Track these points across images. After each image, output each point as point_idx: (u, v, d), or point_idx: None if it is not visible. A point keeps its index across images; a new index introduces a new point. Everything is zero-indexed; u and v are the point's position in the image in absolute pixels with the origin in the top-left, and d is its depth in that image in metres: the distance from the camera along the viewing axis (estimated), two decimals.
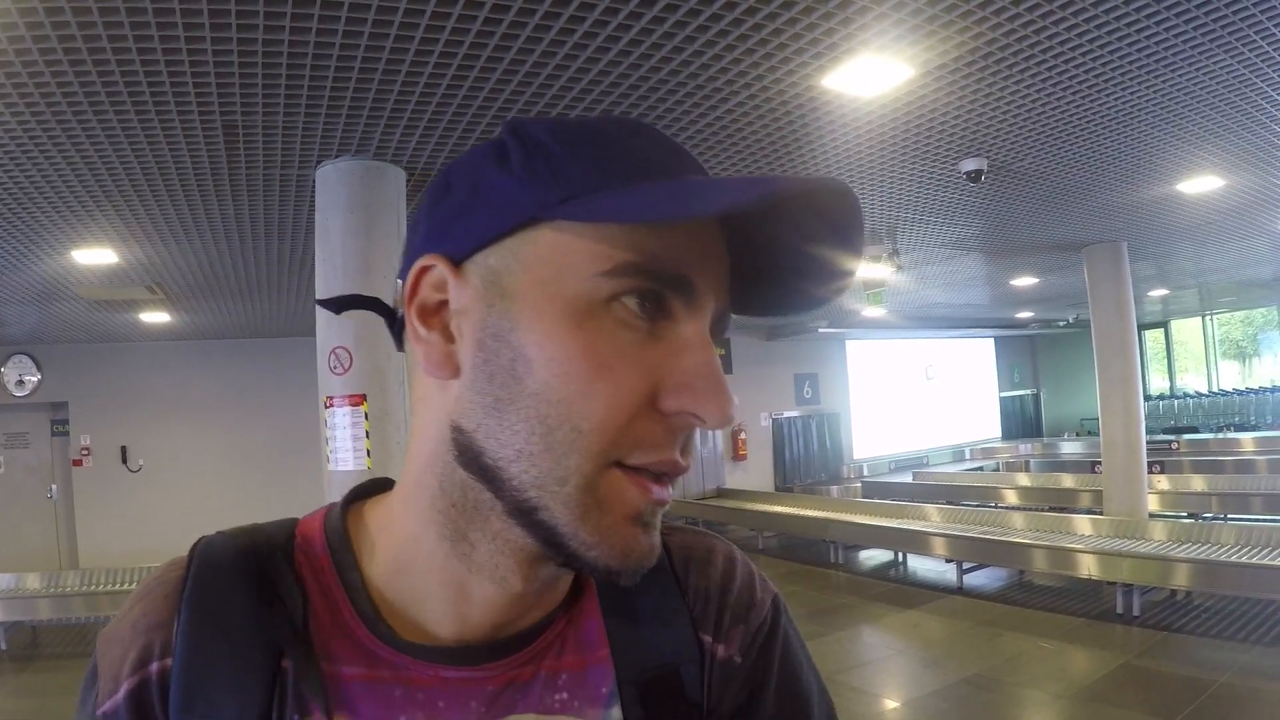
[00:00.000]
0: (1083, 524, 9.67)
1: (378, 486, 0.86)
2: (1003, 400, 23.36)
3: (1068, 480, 13.99)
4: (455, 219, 0.70)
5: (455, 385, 0.69)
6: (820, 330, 16.69)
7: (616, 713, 0.79)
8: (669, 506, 0.70)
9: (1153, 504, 10.64)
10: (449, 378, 0.70)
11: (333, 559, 0.79)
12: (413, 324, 0.72)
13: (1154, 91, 5.07)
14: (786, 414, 18.21)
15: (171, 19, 3.38)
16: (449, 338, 0.70)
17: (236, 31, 3.54)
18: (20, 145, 4.67)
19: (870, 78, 4.61)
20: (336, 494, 0.84)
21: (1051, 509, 12.23)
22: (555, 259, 0.65)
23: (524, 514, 0.67)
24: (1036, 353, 24.24)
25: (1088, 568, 8.28)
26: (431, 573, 0.75)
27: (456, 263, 0.70)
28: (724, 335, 0.73)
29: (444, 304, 0.70)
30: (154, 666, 0.72)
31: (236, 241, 7.16)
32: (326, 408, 5.23)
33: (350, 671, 0.73)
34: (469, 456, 0.69)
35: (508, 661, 0.76)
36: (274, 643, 0.73)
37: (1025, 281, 12.98)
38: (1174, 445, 16.21)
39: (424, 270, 0.71)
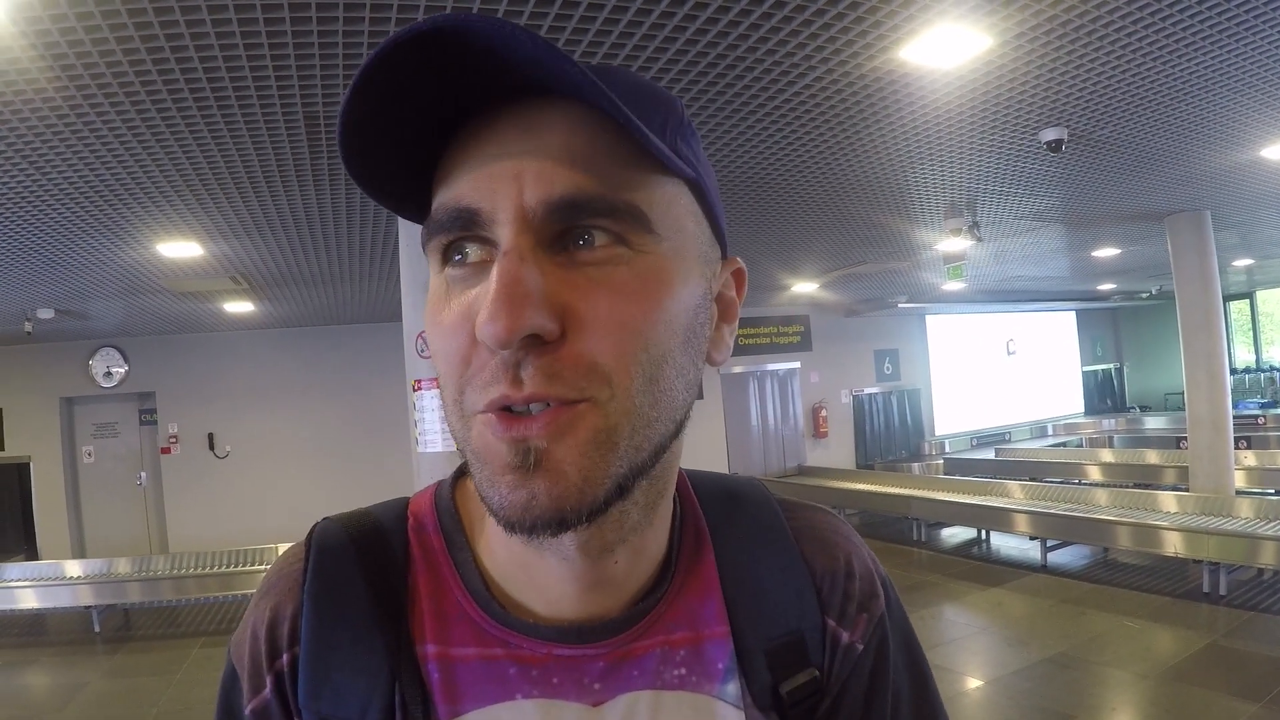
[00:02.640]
0: (1168, 501, 9.54)
1: None
2: (1085, 374, 22.94)
3: (1152, 456, 13.77)
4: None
5: None
6: (900, 306, 16.51)
7: (733, 688, 0.79)
8: (572, 441, 0.62)
9: (1239, 480, 10.44)
10: None
11: (444, 538, 0.82)
12: None
13: (1236, 55, 4.94)
14: (867, 390, 18.04)
15: (252, 13, 3.43)
16: None
17: (317, 25, 3.59)
18: (105, 143, 4.75)
19: (948, 49, 4.52)
20: (425, 476, 0.87)
21: (1136, 485, 12.06)
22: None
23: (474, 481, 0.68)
24: (1119, 326, 23.79)
25: (1173, 545, 8.16)
26: (504, 552, 0.78)
27: None
28: (611, 216, 0.64)
29: None
30: (285, 658, 0.76)
31: (319, 231, 7.23)
32: (415, 391, 5.30)
33: (462, 652, 0.75)
34: None
35: (621, 638, 0.77)
36: (396, 631, 0.76)
37: (1106, 253, 12.73)
38: (1261, 420, 15.90)
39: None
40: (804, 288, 13.89)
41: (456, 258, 0.66)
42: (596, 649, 0.76)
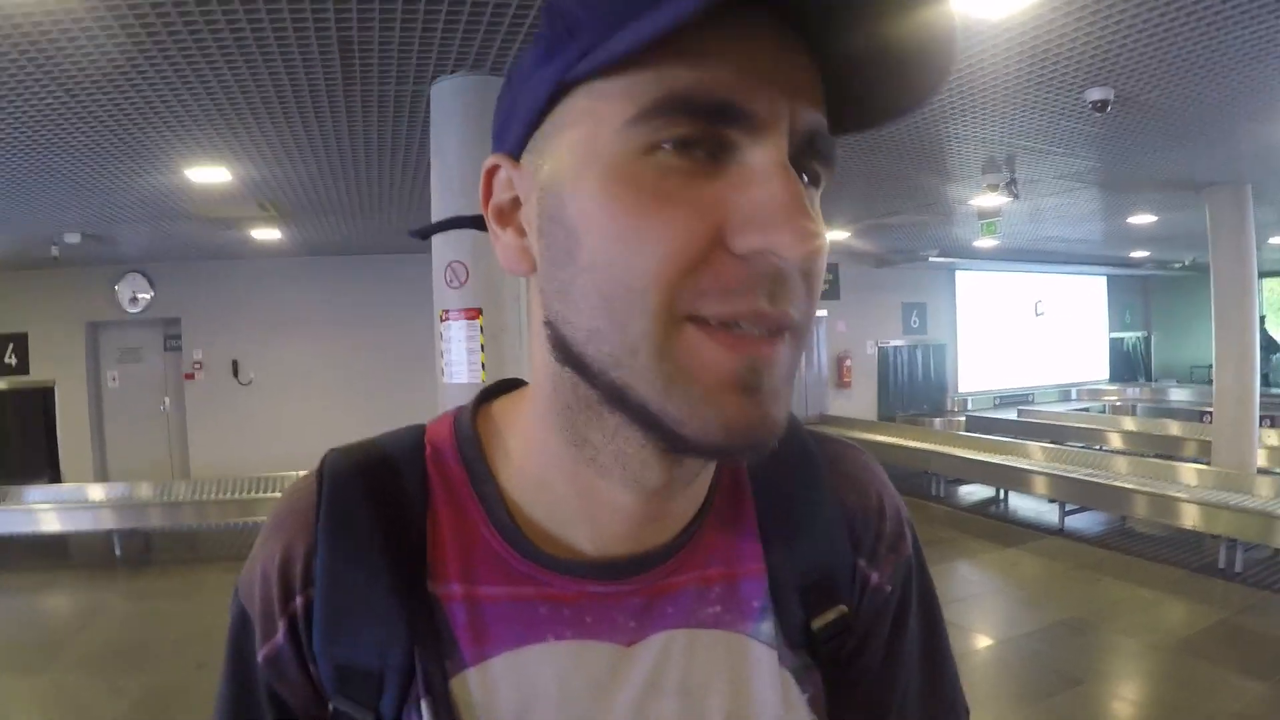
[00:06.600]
0: (1188, 473, 9.46)
1: (506, 386, 0.85)
2: (1112, 341, 22.76)
3: (1175, 428, 13.62)
4: (508, 115, 0.69)
5: (537, 280, 0.67)
6: (931, 259, 16.32)
7: (768, 626, 0.77)
8: (785, 368, 0.61)
9: (1261, 459, 10.35)
10: (526, 272, 0.69)
11: (466, 469, 0.77)
12: (490, 226, 0.71)
13: None
14: (893, 343, 17.92)
15: None
16: (521, 233, 0.69)
17: None
18: (136, 66, 4.74)
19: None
20: (450, 406, 0.83)
21: (1157, 456, 11.99)
22: (587, 123, 0.61)
23: (617, 399, 0.62)
24: (1149, 294, 23.50)
25: (1191, 519, 8.13)
26: (563, 481, 0.73)
27: (517, 157, 0.68)
28: (827, 162, 0.64)
29: (516, 201, 0.69)
30: (299, 600, 0.73)
31: (350, 159, 7.21)
32: (442, 321, 5.32)
33: (489, 591, 0.72)
34: (561, 350, 0.65)
35: (656, 572, 0.75)
36: (416, 570, 0.72)
37: (1142, 220, 12.60)
38: None
39: (490, 172, 0.71)
40: (834, 236, 13.73)
41: (667, 146, 0.58)
42: (631, 585, 0.74)
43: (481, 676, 0.70)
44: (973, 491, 11.88)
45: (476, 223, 0.77)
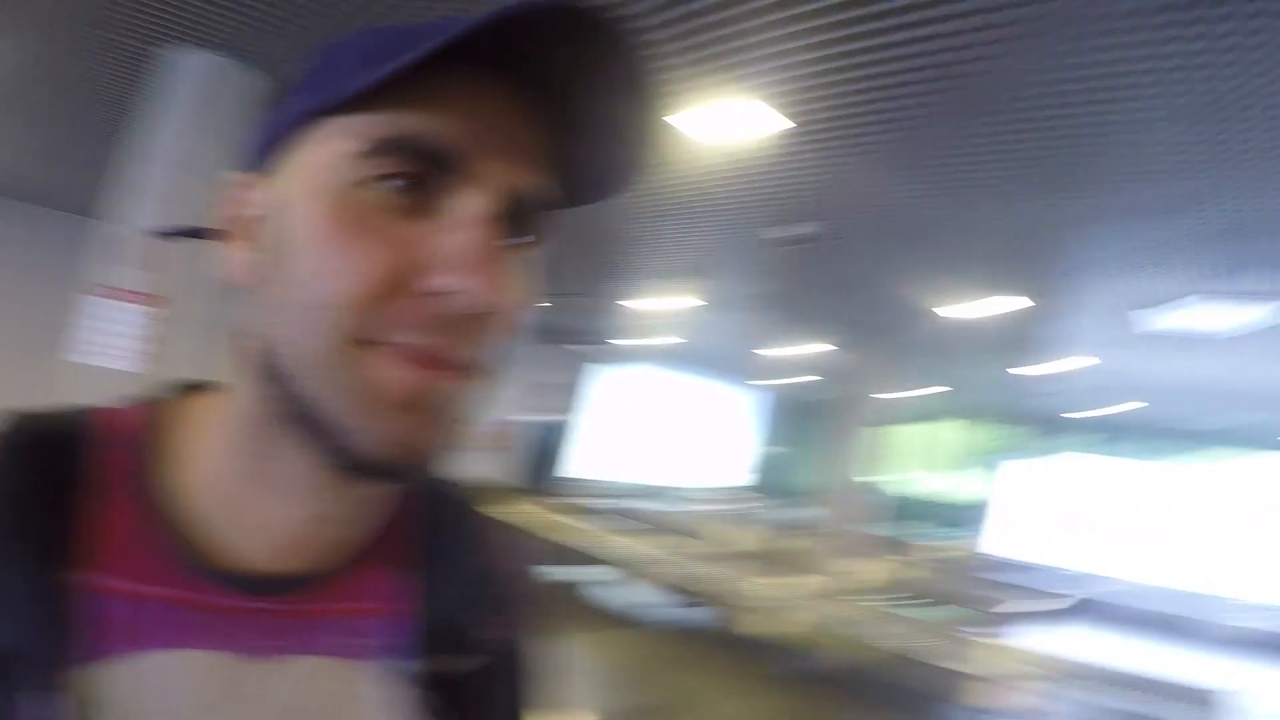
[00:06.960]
0: (785, 585, 9.99)
1: (201, 386, 0.82)
2: (748, 453, 23.81)
3: (785, 541, 14.10)
4: (261, 136, 0.72)
5: (256, 294, 0.68)
6: (578, 345, 16.68)
7: (405, 666, 0.78)
8: (457, 401, 0.66)
9: (855, 583, 10.99)
10: (246, 285, 0.70)
11: (140, 462, 0.74)
12: (222, 237, 0.73)
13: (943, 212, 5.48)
14: (531, 417, 17.67)
15: None
16: (250, 248, 0.70)
17: None
18: None
19: (709, 126, 4.81)
20: (93, 391, 0.75)
21: (770, 564, 12.50)
22: (322, 152, 0.65)
23: (302, 412, 0.65)
24: (790, 415, 24.51)
25: (778, 625, 8.67)
26: (233, 491, 0.72)
27: (261, 175, 0.71)
28: (540, 222, 0.70)
29: (252, 217, 0.70)
30: None
31: (59, 97, 6.56)
32: (108, 298, 4.78)
33: (134, 589, 0.68)
34: (260, 364, 0.67)
35: (308, 596, 0.75)
36: (60, 555, 0.67)
37: (795, 350, 13.47)
38: (892, 535, 16.79)
39: (230, 185, 0.73)
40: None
41: (388, 184, 0.63)
42: (285, 604, 0.73)
43: (112, 675, 0.66)
44: (576, 573, 11.73)
45: (216, 233, 0.76)
